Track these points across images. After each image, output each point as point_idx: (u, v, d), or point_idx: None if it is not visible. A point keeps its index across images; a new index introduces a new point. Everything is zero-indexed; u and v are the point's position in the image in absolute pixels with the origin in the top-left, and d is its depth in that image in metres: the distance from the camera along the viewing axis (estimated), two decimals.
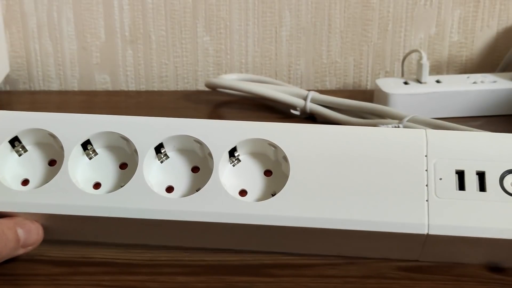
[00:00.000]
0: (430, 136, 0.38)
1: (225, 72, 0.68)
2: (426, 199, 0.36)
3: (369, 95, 0.62)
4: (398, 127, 0.51)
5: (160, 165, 0.39)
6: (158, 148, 0.39)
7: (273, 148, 0.39)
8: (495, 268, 0.39)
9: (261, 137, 0.38)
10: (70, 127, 0.39)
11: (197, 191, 0.38)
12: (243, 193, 0.38)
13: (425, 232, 0.36)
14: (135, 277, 0.38)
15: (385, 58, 0.69)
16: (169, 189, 0.39)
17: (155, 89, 0.69)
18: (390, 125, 0.53)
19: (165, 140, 0.39)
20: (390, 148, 0.38)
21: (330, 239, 0.37)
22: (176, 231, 0.38)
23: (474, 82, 0.60)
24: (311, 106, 0.59)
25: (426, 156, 0.37)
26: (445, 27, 0.68)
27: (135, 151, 0.39)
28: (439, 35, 0.68)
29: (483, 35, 0.68)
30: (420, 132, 0.38)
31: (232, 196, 0.37)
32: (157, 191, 0.38)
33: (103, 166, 0.40)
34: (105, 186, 0.39)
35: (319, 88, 0.69)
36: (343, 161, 0.37)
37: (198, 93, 0.68)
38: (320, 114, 0.59)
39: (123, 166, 0.40)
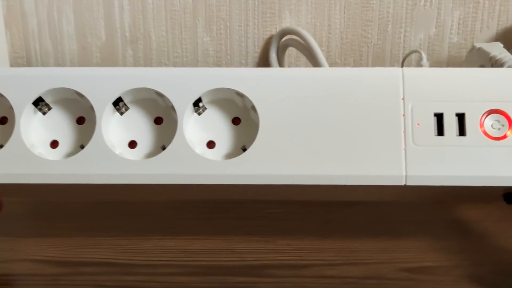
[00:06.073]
0: (407, 76, 0.36)
1: None
2: (403, 147, 0.35)
3: None
4: None
5: (120, 118, 0.37)
6: (117, 102, 0.37)
7: (241, 97, 0.37)
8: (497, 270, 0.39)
9: (226, 86, 0.36)
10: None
11: (162, 148, 0.36)
12: (211, 144, 0.36)
13: (403, 183, 0.34)
14: (136, 277, 0.38)
15: (385, 59, 0.69)
16: (132, 143, 0.37)
17: None
18: None
19: (123, 94, 0.37)
20: (365, 91, 0.35)
21: (305, 187, 0.35)
22: (142, 190, 0.37)
23: None
24: None
25: (403, 99, 0.35)
26: (444, 28, 0.68)
27: (92, 107, 0.36)
28: (439, 36, 0.68)
29: (482, 36, 0.68)
30: (396, 71, 0.36)
31: (200, 154, 0.35)
32: (120, 149, 0.36)
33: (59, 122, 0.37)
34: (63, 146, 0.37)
35: None
36: (314, 108, 0.35)
37: None
38: None
39: (80, 120, 0.37)
